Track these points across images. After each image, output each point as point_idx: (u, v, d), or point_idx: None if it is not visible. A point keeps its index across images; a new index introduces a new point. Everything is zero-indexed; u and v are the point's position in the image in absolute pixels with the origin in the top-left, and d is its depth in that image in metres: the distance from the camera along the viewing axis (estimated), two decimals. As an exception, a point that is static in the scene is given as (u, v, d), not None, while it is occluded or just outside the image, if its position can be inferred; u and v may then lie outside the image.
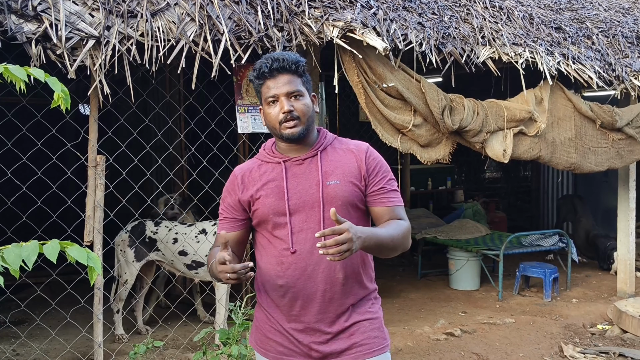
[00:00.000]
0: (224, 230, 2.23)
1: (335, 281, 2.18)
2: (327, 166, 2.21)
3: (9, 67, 1.71)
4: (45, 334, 4.70)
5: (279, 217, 2.17)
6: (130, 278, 5.26)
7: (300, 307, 2.18)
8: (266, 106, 2.19)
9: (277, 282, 2.20)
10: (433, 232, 8.03)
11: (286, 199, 2.17)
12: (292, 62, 2.16)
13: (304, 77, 2.21)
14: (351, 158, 2.25)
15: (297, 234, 2.16)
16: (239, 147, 5.85)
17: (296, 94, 2.16)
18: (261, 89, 2.19)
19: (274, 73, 2.15)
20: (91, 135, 3.97)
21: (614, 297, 6.81)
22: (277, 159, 2.24)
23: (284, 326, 2.22)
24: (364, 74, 4.60)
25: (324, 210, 2.16)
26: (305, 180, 2.19)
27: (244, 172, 2.28)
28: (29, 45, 3.42)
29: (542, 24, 6.07)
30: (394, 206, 2.24)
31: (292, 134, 2.15)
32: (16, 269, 1.56)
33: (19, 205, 4.24)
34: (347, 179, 2.20)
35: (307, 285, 2.17)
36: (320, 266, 2.16)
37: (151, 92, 5.89)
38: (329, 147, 2.27)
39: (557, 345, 5.36)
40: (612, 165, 6.11)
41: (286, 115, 2.13)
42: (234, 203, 2.26)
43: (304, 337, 2.19)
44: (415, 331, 5.60)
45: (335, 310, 2.19)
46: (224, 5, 4.14)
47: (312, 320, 2.18)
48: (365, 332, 2.22)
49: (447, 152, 5.13)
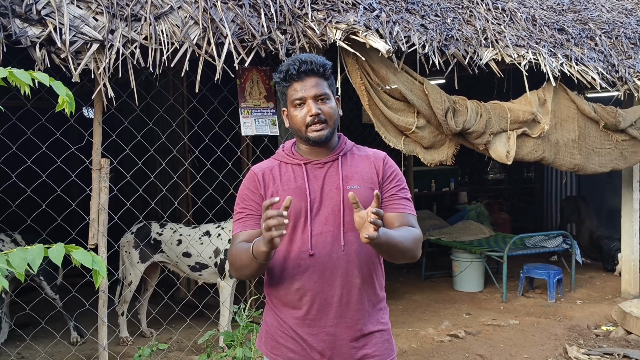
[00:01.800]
0: (248, 228, 2.20)
1: (353, 285, 2.17)
2: (347, 171, 2.22)
3: (14, 72, 1.71)
4: (50, 336, 4.71)
5: (298, 218, 2.16)
6: (135, 279, 5.28)
7: (317, 310, 2.17)
8: (292, 108, 2.18)
9: (293, 285, 2.17)
10: (437, 233, 8.03)
11: (308, 200, 2.16)
12: (320, 64, 2.16)
13: (330, 80, 2.22)
14: (369, 164, 2.26)
15: (317, 236, 2.15)
16: (243, 149, 5.86)
17: (323, 97, 2.16)
18: (287, 90, 2.19)
19: (301, 75, 2.14)
20: (95, 139, 3.98)
21: (618, 299, 6.80)
22: (298, 160, 2.23)
23: (297, 331, 2.19)
24: (367, 76, 4.61)
25: (344, 214, 2.16)
26: (326, 184, 2.19)
27: (263, 171, 2.25)
28: (33, 49, 3.43)
29: (545, 25, 6.07)
30: (405, 213, 2.23)
31: (318, 136, 2.15)
32: (21, 272, 1.56)
33: (23, 208, 4.25)
34: (366, 184, 2.20)
35: (324, 289, 2.15)
36: (338, 270, 2.15)
37: (155, 95, 5.89)
38: (349, 152, 2.27)
39: (562, 346, 5.35)
40: (616, 167, 6.10)
41: (313, 118, 2.13)
42: (259, 199, 2.21)
43: (319, 343, 2.17)
44: (419, 333, 5.60)
45: (351, 316, 2.18)
46: (227, 8, 4.15)
47: (327, 324, 2.17)
48: (377, 343, 2.23)
49: (450, 153, 5.13)
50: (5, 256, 1.56)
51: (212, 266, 5.16)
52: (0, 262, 1.53)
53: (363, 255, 2.19)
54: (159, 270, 5.65)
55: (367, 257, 2.21)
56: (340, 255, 2.15)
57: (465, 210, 9.47)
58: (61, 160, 4.09)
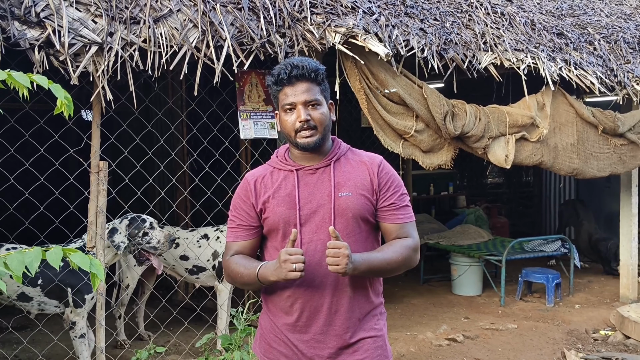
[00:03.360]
0: (240, 239, 2.22)
1: (343, 294, 2.17)
2: (339, 177, 2.19)
3: (12, 74, 1.71)
4: (48, 339, 4.69)
5: (289, 226, 2.15)
6: (132, 282, 5.28)
7: (307, 318, 2.17)
8: (283, 113, 2.17)
9: (285, 292, 2.18)
10: (435, 237, 8.03)
11: (297, 208, 2.15)
12: (312, 70, 2.13)
13: (323, 85, 2.19)
14: (364, 170, 2.22)
15: (307, 244, 2.15)
16: (241, 152, 5.85)
17: (314, 103, 2.14)
18: (278, 95, 2.17)
19: (292, 80, 2.12)
20: (94, 141, 3.98)
21: (616, 303, 6.80)
22: (290, 166, 2.22)
23: (288, 336, 2.20)
24: (366, 80, 4.61)
25: (334, 222, 2.14)
26: (317, 191, 2.17)
27: (256, 178, 2.24)
28: (32, 52, 3.43)
29: (544, 29, 6.08)
30: (402, 223, 2.22)
31: (307, 143, 2.13)
32: (19, 275, 1.56)
33: (21, 211, 4.24)
34: (358, 191, 2.18)
35: (314, 297, 2.15)
36: (328, 278, 2.14)
37: (154, 98, 5.90)
38: (342, 157, 2.24)
39: (560, 351, 5.35)
40: (615, 171, 6.10)
41: (303, 125, 2.11)
42: (249, 209, 2.22)
43: (308, 349, 2.17)
44: (417, 337, 5.59)
45: (341, 324, 2.17)
46: (227, 11, 4.15)
47: (317, 331, 2.17)
48: (369, 349, 2.21)
49: (449, 157, 5.14)
50: (2, 259, 1.55)
51: (209, 269, 5.15)
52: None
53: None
54: (155, 273, 5.63)
55: None
56: None
57: (464, 214, 9.47)
58: (59, 163, 4.09)
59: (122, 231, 4.32)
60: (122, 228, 4.33)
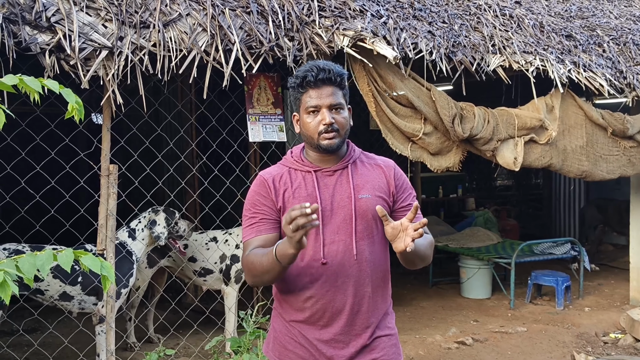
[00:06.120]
0: (264, 233, 2.16)
1: (364, 294, 2.19)
2: (357, 179, 2.22)
3: (24, 79, 1.73)
4: (58, 342, 4.72)
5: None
6: (143, 285, 5.29)
7: (329, 318, 2.18)
8: (305, 115, 2.17)
9: (305, 293, 2.18)
10: (444, 240, 8.01)
11: (320, 209, 2.15)
12: (338, 74, 2.16)
13: (345, 89, 2.21)
14: (380, 173, 2.27)
15: (329, 245, 2.15)
16: (250, 155, 5.87)
17: (338, 107, 2.16)
18: (302, 97, 2.18)
19: (318, 83, 2.14)
20: (104, 145, 4.00)
21: (626, 306, 6.76)
22: (307, 167, 2.22)
23: (307, 336, 2.20)
24: (374, 83, 4.62)
25: (356, 223, 2.16)
26: (337, 192, 2.19)
27: (273, 177, 2.23)
28: (42, 56, 3.46)
29: (552, 32, 6.07)
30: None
31: (330, 145, 2.15)
32: (31, 278, 1.57)
33: (32, 214, 4.27)
34: (376, 193, 2.21)
35: (336, 298, 2.16)
36: (350, 279, 2.16)
37: (163, 101, 5.93)
38: (357, 160, 2.28)
39: (570, 354, 5.33)
40: (624, 173, 6.08)
41: (327, 127, 2.13)
42: (271, 205, 2.18)
43: (328, 349, 2.18)
44: (426, 340, 5.58)
45: (361, 324, 2.19)
46: (235, 15, 4.17)
47: (338, 332, 2.18)
48: (385, 347, 2.24)
49: (457, 160, 5.13)
50: (14, 262, 1.57)
51: (217, 272, 5.17)
52: (9, 268, 1.53)
53: (375, 264, 2.21)
54: (166, 275, 5.66)
55: (378, 266, 2.23)
56: (353, 264, 2.17)
57: (473, 216, 9.45)
58: (70, 166, 4.11)
59: (161, 223, 4.77)
60: (161, 220, 4.77)
